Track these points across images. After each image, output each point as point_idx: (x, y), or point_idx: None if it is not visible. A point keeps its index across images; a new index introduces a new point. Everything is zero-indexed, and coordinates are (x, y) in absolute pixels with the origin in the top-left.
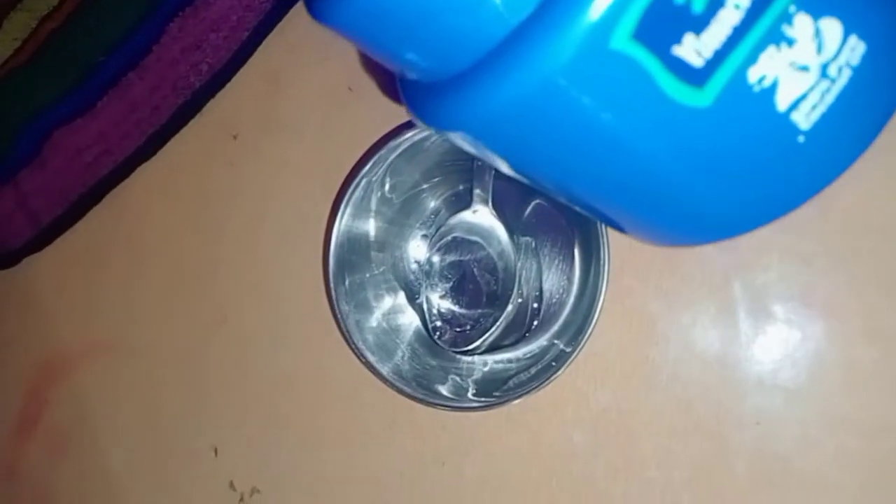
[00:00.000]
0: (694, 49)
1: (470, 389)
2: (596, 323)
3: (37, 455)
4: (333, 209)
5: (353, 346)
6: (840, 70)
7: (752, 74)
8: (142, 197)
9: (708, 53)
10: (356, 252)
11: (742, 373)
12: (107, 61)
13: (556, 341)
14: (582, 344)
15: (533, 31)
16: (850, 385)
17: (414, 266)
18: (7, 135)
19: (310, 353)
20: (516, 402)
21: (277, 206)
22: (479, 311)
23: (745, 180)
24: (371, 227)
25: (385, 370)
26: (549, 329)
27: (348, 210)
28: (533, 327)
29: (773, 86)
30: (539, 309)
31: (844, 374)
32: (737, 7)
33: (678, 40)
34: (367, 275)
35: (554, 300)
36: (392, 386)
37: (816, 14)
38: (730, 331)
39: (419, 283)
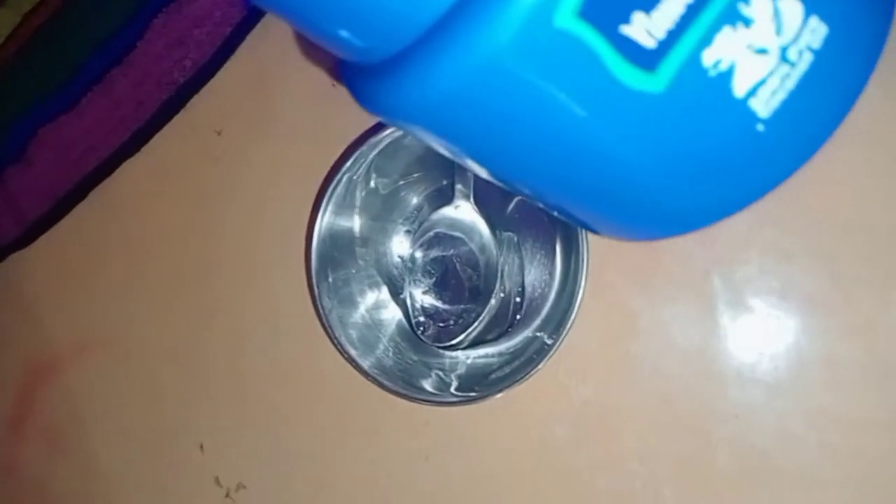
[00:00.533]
0: (644, 29)
1: (453, 384)
2: (576, 316)
3: (30, 452)
4: (315, 206)
5: (335, 342)
6: (801, 54)
7: (708, 57)
8: (128, 193)
9: (660, 34)
10: (339, 248)
11: (721, 366)
12: (91, 58)
13: (538, 333)
14: (563, 336)
15: (472, 7)
16: (829, 379)
17: (397, 261)
18: None
19: (295, 349)
20: (499, 396)
21: (263, 201)
22: (462, 306)
23: (703, 171)
24: (355, 223)
25: (367, 365)
26: (531, 323)
27: (330, 207)
28: (515, 322)
29: (730, 70)
30: (521, 303)
31: (823, 368)
32: None
33: (627, 19)
34: (352, 270)
35: (536, 294)
36: (374, 381)
37: None
38: (709, 325)
39: (402, 279)
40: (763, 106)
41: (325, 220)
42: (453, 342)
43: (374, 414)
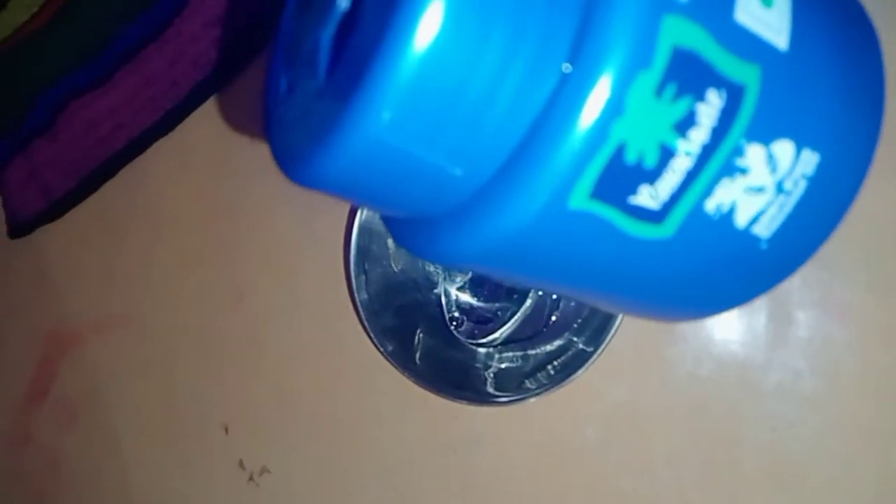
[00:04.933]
0: (649, 196)
1: (488, 382)
2: (620, 324)
3: (46, 424)
4: None
5: (371, 336)
6: (796, 182)
7: (709, 205)
8: (159, 172)
9: (664, 197)
10: (376, 242)
11: (759, 377)
12: (125, 33)
13: (574, 338)
14: (604, 345)
15: (491, 199)
16: (869, 393)
17: None
18: (23, 102)
19: (325, 335)
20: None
21: (297, 187)
22: (498, 304)
23: (716, 280)
24: None
25: (401, 360)
26: (568, 325)
27: None
28: (550, 323)
29: (731, 209)
30: (558, 303)
31: (864, 383)
32: (688, 154)
33: (634, 192)
34: (387, 263)
35: None
36: (408, 375)
37: (768, 141)
38: (749, 334)
39: (438, 274)
40: (765, 229)
41: (364, 213)
42: (487, 339)
43: (402, 405)
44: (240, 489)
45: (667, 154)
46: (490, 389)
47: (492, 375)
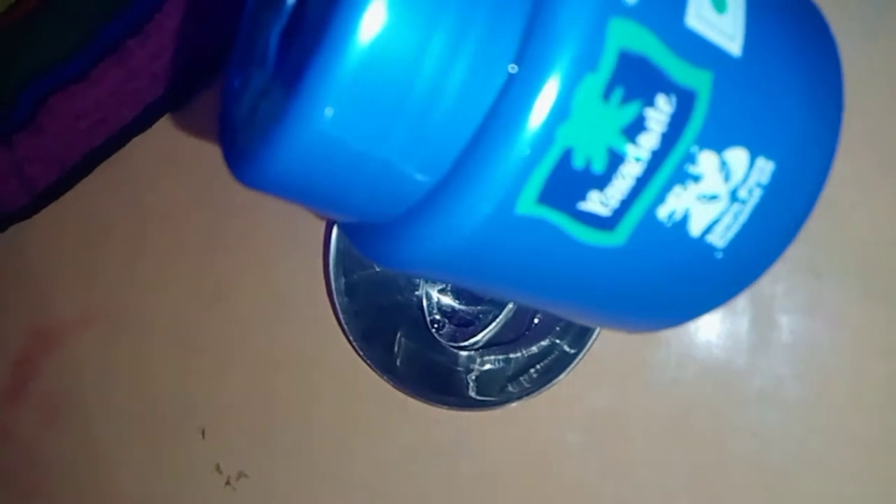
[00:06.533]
0: (599, 202)
1: (470, 387)
2: (600, 330)
3: (26, 420)
4: None
5: (351, 339)
6: (750, 191)
7: (662, 212)
8: (140, 168)
9: (614, 204)
10: None
11: (743, 382)
12: (107, 25)
13: (557, 341)
14: (587, 347)
15: (439, 203)
16: (854, 401)
17: None
18: (5, 96)
19: (307, 338)
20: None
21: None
22: (479, 307)
23: (672, 290)
24: None
25: (381, 363)
26: (550, 328)
27: None
28: (533, 325)
29: (685, 217)
30: None
31: (849, 390)
32: (638, 159)
33: (583, 198)
34: (368, 264)
35: None
36: (388, 380)
37: (720, 148)
38: (733, 339)
39: (419, 276)
40: (719, 238)
41: None
42: (469, 342)
43: (382, 409)
44: (216, 493)
45: (616, 159)
46: (472, 394)
47: (473, 379)
